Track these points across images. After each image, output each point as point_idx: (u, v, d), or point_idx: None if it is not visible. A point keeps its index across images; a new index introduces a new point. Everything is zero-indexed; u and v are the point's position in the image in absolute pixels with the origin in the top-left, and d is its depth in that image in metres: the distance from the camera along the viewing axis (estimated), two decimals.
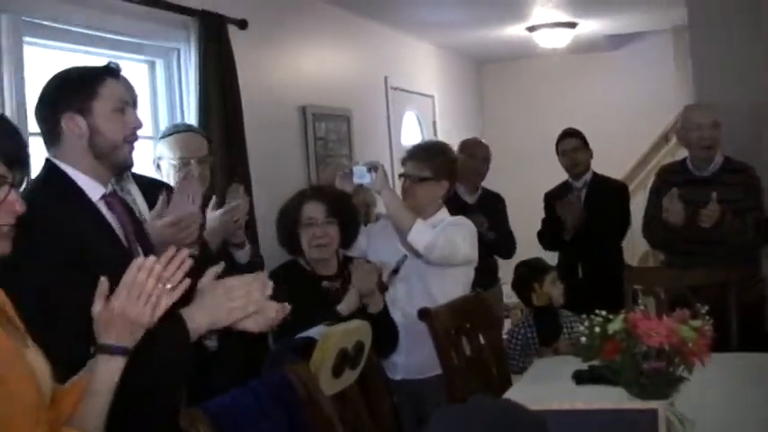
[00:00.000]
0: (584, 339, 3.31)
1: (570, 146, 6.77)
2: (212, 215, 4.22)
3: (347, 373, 3.60)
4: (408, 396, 4.73)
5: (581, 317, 3.47)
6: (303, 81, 6.98)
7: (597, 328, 3.26)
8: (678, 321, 3.13)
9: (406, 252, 4.87)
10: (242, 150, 5.60)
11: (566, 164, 6.81)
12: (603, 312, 3.26)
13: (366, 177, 4.80)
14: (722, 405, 3.63)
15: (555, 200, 6.75)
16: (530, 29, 9.18)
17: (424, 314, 4.46)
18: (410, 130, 9.37)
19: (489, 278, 6.42)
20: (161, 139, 4.52)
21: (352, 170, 4.90)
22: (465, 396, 4.09)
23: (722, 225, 5.30)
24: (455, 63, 10.82)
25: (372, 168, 4.80)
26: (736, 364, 4.32)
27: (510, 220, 6.84)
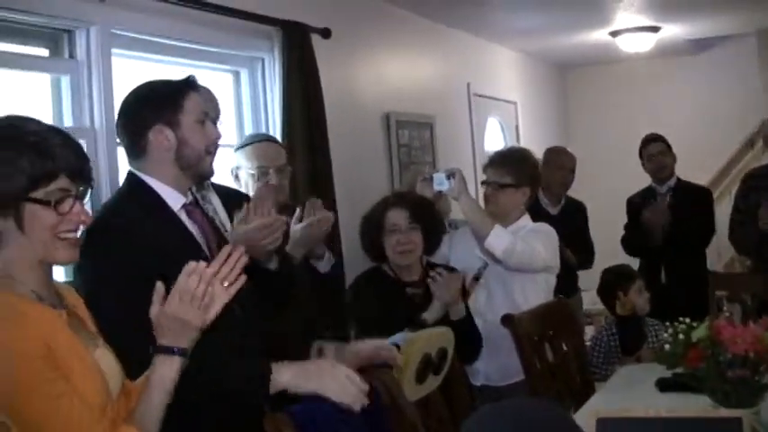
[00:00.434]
0: (667, 346, 3.29)
1: (656, 150, 6.72)
2: (295, 228, 4.26)
3: (430, 378, 3.62)
4: (490, 402, 4.71)
5: (666, 324, 3.45)
6: (386, 88, 7.01)
7: (681, 336, 3.25)
8: (764, 329, 3.11)
9: (484, 258, 4.87)
10: (326, 158, 5.64)
11: (651, 168, 6.76)
12: (687, 319, 3.24)
13: (445, 184, 4.80)
14: None
15: (638, 205, 6.71)
16: (612, 33, 9.12)
17: (507, 320, 4.46)
18: (493, 137, 9.35)
19: (569, 286, 6.28)
20: (239, 149, 4.55)
21: (432, 177, 4.91)
22: None
23: None
24: (538, 69, 10.78)
25: (451, 175, 4.80)
26: None
27: (594, 226, 6.76)
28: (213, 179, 3.55)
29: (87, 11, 4.27)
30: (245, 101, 5.57)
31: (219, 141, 3.21)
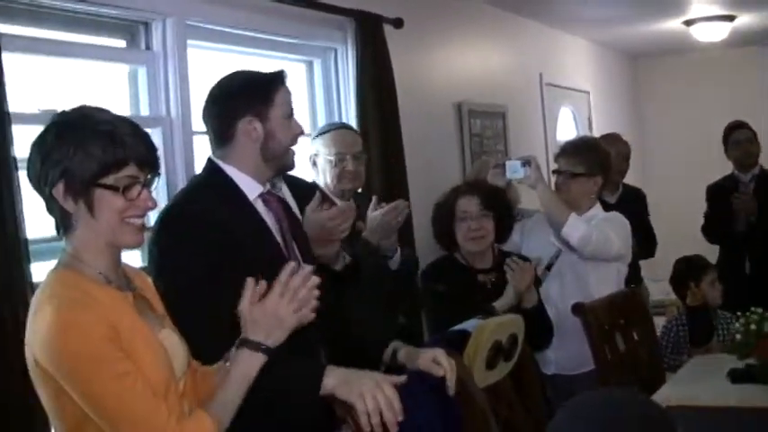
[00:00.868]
0: (738, 336, 3.28)
1: (743, 136, 6.64)
2: (373, 215, 4.33)
3: (501, 365, 3.64)
4: (561, 391, 4.72)
5: (737, 315, 3.43)
6: (458, 78, 7.02)
7: (752, 326, 3.24)
8: None
9: (559, 246, 4.87)
10: (398, 148, 5.66)
11: (736, 156, 6.68)
12: (759, 309, 3.23)
13: (520, 172, 4.80)
14: None
15: (719, 193, 6.63)
16: (686, 23, 9.03)
17: (578, 309, 4.48)
18: (565, 127, 9.32)
19: (632, 276, 6.10)
20: (317, 136, 4.64)
21: (504, 165, 4.92)
22: None
23: None
24: (610, 58, 10.72)
25: (526, 163, 4.80)
26: None
27: (664, 216, 6.64)
28: None
29: (163, 3, 4.33)
30: (317, 91, 5.60)
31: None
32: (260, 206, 3.10)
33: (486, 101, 7.33)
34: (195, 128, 4.31)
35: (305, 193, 3.64)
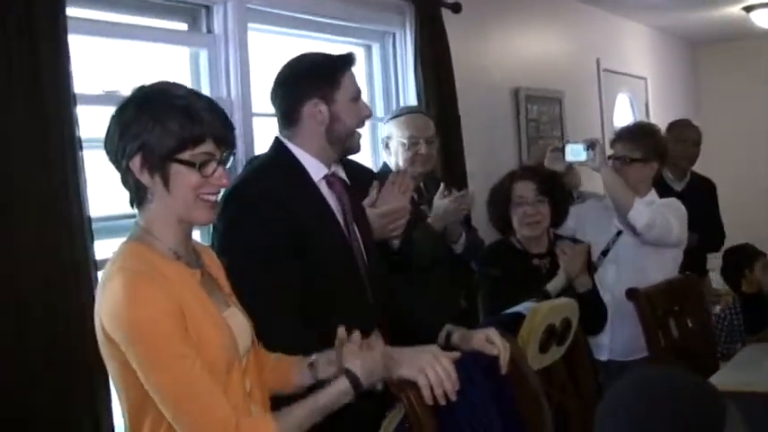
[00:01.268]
0: None
1: None
2: (440, 202, 4.40)
3: (554, 349, 3.66)
4: (613, 378, 4.69)
5: None
6: (515, 63, 7.02)
7: None
8: None
9: (621, 229, 4.86)
10: (457, 132, 5.69)
11: None
12: None
13: (583, 155, 4.78)
14: None
15: None
16: (746, 9, 8.95)
17: (633, 294, 4.47)
18: (622, 113, 9.29)
19: (697, 267, 5.88)
20: (391, 119, 4.74)
21: (563, 148, 4.91)
22: None
23: None
24: (668, 44, 10.65)
25: (590, 146, 4.78)
26: None
27: (725, 207, 6.47)
28: None
29: None
30: (376, 75, 5.64)
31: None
32: (324, 188, 3.14)
33: (543, 86, 7.34)
34: (255, 110, 4.37)
35: (362, 177, 3.67)
